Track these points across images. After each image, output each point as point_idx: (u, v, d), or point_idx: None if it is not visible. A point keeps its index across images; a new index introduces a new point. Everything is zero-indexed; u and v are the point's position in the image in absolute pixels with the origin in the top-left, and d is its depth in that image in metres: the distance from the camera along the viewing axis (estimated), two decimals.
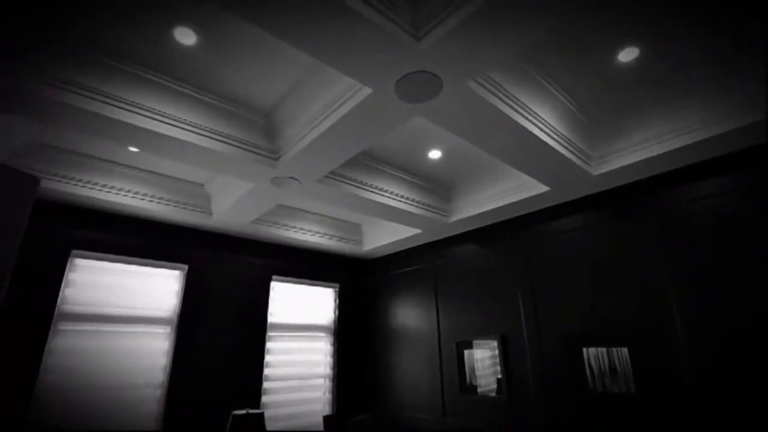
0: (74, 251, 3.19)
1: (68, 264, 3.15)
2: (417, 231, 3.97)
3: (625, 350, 2.72)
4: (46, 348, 2.93)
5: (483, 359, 3.51)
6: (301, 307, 4.41)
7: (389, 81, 1.81)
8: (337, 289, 4.74)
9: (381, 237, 4.39)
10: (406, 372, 4.21)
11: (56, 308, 3.03)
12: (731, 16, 1.82)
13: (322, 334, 4.49)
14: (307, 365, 4.29)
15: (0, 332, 2.78)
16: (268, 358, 3.97)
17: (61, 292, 3.08)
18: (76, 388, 3.01)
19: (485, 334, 3.54)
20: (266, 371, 3.92)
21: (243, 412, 2.90)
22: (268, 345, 4.01)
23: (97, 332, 3.18)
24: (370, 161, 3.11)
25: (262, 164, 2.57)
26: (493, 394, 3.36)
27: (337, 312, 4.66)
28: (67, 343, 3.05)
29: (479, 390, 3.48)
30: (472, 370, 3.57)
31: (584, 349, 2.91)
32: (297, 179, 2.76)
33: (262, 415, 2.95)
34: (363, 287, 4.96)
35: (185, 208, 3.40)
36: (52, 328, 2.99)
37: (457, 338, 3.76)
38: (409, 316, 4.34)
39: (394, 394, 4.26)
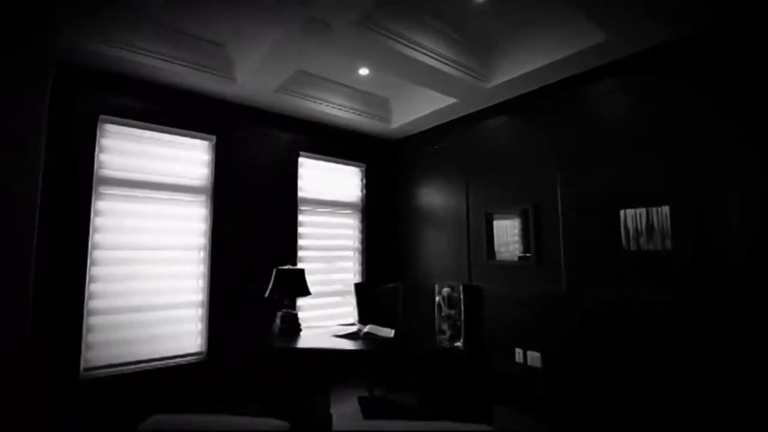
0: (102, 116, 3.13)
1: (98, 129, 3.11)
2: (449, 102, 3.75)
3: (666, 209, 2.68)
4: (92, 209, 3.04)
5: (513, 229, 3.56)
6: (329, 185, 4.44)
7: None
8: (363, 169, 4.71)
9: (410, 112, 4.20)
10: (433, 245, 4.36)
11: (95, 172, 3.07)
12: None
13: (350, 211, 4.58)
14: (338, 238, 4.46)
15: (50, 194, 2.86)
16: (300, 230, 4.11)
17: (96, 157, 3.09)
18: (124, 246, 3.18)
19: (516, 204, 3.54)
20: (300, 242, 4.09)
21: (286, 267, 3.06)
22: (300, 218, 4.12)
23: (136, 197, 3.26)
24: (407, 8, 2.79)
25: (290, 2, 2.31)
26: (521, 260, 3.47)
27: (364, 191, 4.69)
28: (111, 206, 3.15)
29: (506, 257, 3.59)
30: (501, 239, 3.65)
31: (622, 211, 2.89)
32: (328, 24, 2.52)
33: (302, 270, 3.12)
34: (390, 166, 4.92)
35: (207, 72, 3.22)
36: (94, 190, 3.06)
37: (486, 209, 3.78)
38: (437, 192, 4.35)
39: (422, 265, 4.47)
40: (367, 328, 2.91)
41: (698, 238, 2.52)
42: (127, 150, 3.25)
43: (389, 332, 2.86)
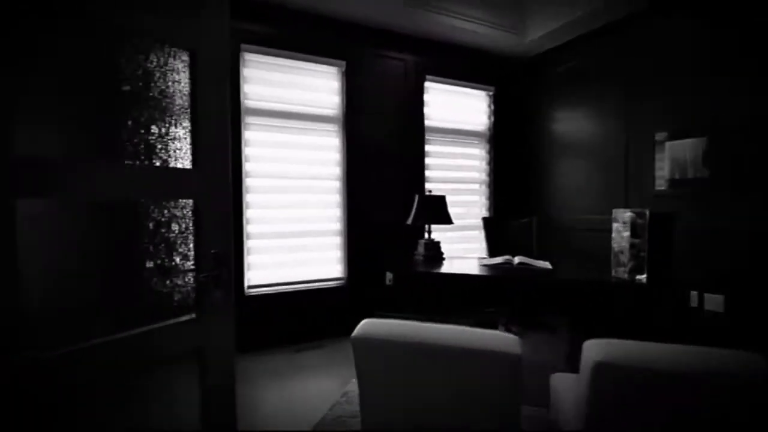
0: (243, 45, 3.15)
1: (241, 58, 3.16)
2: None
3: None
4: (242, 139, 3.17)
5: (692, 153, 2.94)
6: (455, 112, 4.12)
7: None
8: (492, 93, 4.27)
9: (549, 19, 3.58)
10: (572, 175, 3.89)
11: (241, 102, 3.16)
12: None
13: (477, 140, 4.25)
14: (464, 170, 4.21)
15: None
16: (427, 160, 3.93)
17: (242, 87, 3.16)
18: (270, 174, 3.31)
19: (697, 123, 2.88)
20: (427, 173, 3.93)
21: (428, 193, 2.93)
22: (427, 147, 3.93)
23: (276, 127, 3.32)
24: None
25: None
26: (703, 189, 2.88)
27: (492, 118, 4.29)
28: (257, 136, 3.26)
29: (677, 187, 3.02)
30: (675, 165, 3.05)
31: None
32: None
33: (444, 197, 2.96)
34: (522, 89, 4.39)
35: None
36: (242, 120, 3.17)
37: (653, 131, 3.17)
38: (580, 115, 3.78)
39: (558, 199, 4.05)
40: (518, 259, 2.70)
41: None
42: (265, 79, 3.28)
43: (545, 264, 2.61)
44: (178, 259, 1.44)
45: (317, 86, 3.47)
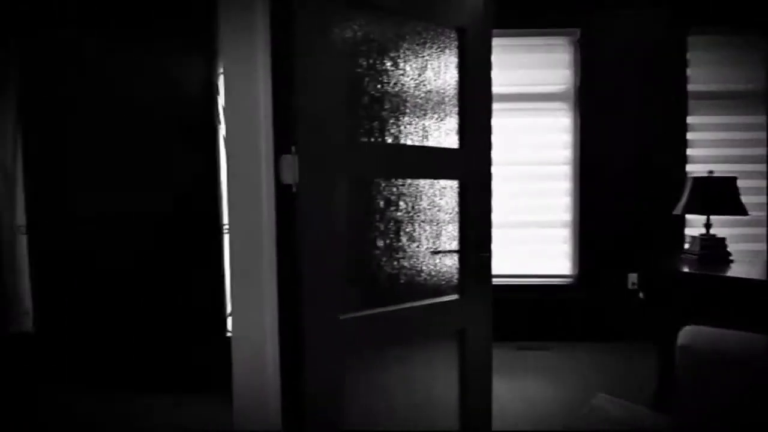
0: None
1: None
2: None
3: None
4: None
5: None
6: (730, 70, 3.13)
7: None
8: None
9: None
10: None
11: None
12: None
13: (757, 104, 3.13)
14: (743, 145, 3.16)
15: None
16: (690, 136, 3.11)
17: None
18: (495, 162, 3.18)
19: None
20: (689, 151, 3.11)
21: (705, 175, 2.29)
22: (689, 120, 3.10)
23: (502, 111, 3.17)
24: None
25: None
26: None
27: None
28: None
29: None
30: None
31: None
32: None
33: (733, 179, 2.25)
34: None
35: None
36: None
37: None
38: None
39: None
40: None
41: None
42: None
43: None
44: (444, 239, 1.44)
45: (544, 62, 3.15)
